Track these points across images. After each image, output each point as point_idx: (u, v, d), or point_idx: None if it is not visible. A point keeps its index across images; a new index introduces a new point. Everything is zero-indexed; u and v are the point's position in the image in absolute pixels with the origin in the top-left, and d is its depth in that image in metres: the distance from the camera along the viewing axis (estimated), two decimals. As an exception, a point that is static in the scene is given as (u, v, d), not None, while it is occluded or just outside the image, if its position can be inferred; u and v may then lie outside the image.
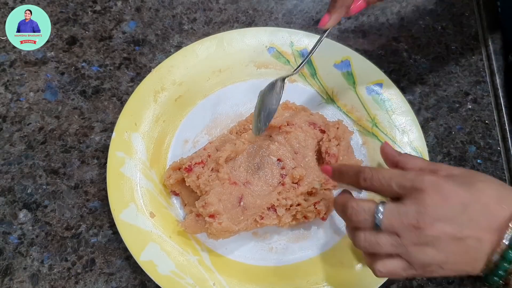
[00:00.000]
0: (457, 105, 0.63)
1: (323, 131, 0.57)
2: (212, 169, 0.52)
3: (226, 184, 0.51)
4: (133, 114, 0.57)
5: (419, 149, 0.57)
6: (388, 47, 0.66)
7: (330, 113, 0.60)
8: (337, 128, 0.56)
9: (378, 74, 0.60)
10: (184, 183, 0.54)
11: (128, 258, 0.54)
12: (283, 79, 0.52)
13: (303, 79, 0.61)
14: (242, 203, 0.51)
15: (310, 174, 0.54)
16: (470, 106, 0.63)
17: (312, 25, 0.67)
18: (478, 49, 0.66)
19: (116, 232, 0.54)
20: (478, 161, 0.60)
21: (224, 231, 0.50)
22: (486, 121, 0.62)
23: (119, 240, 0.53)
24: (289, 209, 0.52)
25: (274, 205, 0.52)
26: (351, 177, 0.44)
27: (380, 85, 0.60)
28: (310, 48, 0.61)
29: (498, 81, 0.64)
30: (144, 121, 0.58)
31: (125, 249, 0.52)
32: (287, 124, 0.57)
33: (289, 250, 0.53)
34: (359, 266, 0.52)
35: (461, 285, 0.53)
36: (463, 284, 0.53)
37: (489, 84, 0.64)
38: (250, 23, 0.67)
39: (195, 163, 0.53)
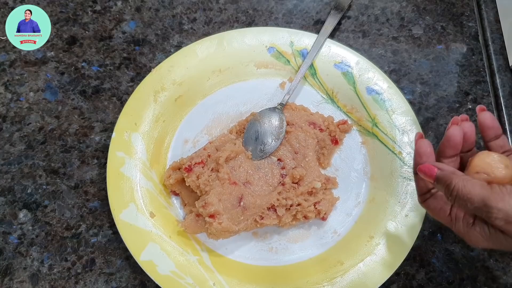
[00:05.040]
0: (457, 105, 0.63)
1: (323, 131, 0.57)
2: (212, 169, 0.52)
3: (226, 184, 0.51)
4: (133, 114, 0.57)
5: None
6: (388, 47, 0.66)
7: (330, 113, 0.60)
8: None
9: (378, 74, 0.60)
10: (184, 183, 0.54)
11: (128, 258, 0.54)
12: (281, 111, 0.57)
13: (303, 79, 0.61)
14: (242, 203, 0.51)
15: (310, 174, 0.54)
16: (470, 106, 0.63)
17: (312, 25, 0.67)
18: (478, 49, 0.66)
19: (116, 232, 0.54)
20: (478, 161, 0.60)
21: (224, 231, 0.50)
22: None
23: (119, 240, 0.53)
24: (289, 209, 0.52)
25: (274, 205, 0.52)
26: (443, 186, 0.40)
27: (380, 85, 0.60)
28: (310, 48, 0.62)
29: (498, 81, 0.64)
30: (144, 121, 0.58)
31: (125, 249, 0.52)
32: (287, 124, 0.57)
33: (289, 250, 0.53)
34: (359, 266, 0.52)
35: (461, 285, 0.53)
36: (463, 284, 0.53)
37: (489, 84, 0.64)
38: (250, 23, 0.67)
39: (195, 163, 0.53)
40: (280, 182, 0.54)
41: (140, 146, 0.56)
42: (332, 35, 0.64)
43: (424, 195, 0.44)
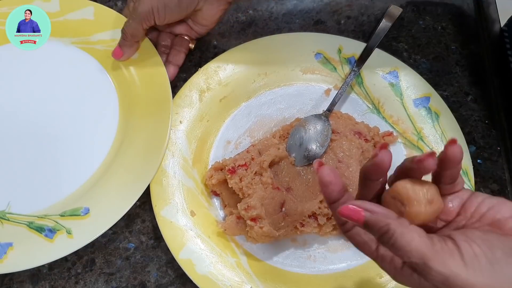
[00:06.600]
0: (457, 105, 0.61)
1: (368, 141, 0.56)
2: (255, 173, 0.52)
3: (269, 188, 0.51)
4: (178, 112, 0.58)
5: (464, 166, 0.56)
6: (388, 47, 0.64)
7: (375, 123, 0.59)
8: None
9: (426, 87, 0.59)
10: (225, 184, 0.54)
11: (128, 258, 0.54)
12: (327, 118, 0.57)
13: (349, 87, 0.60)
14: (284, 209, 0.51)
15: (353, 184, 0.53)
16: (470, 106, 0.61)
17: (312, 25, 0.66)
18: (478, 49, 0.65)
19: (116, 232, 0.54)
20: (478, 161, 0.58)
21: (264, 236, 0.50)
22: (486, 121, 0.61)
23: (119, 240, 0.54)
24: (330, 218, 0.52)
25: (315, 213, 0.51)
26: (377, 233, 0.33)
27: (428, 98, 0.59)
28: (358, 56, 0.61)
29: (498, 81, 0.62)
30: (189, 120, 0.58)
31: (125, 249, 0.53)
32: (332, 132, 0.56)
33: (328, 260, 0.53)
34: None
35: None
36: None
37: (489, 84, 0.62)
38: (250, 23, 0.66)
39: (239, 165, 0.53)
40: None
41: (183, 144, 0.57)
42: (331, 35, 0.63)
43: (345, 225, 0.35)
